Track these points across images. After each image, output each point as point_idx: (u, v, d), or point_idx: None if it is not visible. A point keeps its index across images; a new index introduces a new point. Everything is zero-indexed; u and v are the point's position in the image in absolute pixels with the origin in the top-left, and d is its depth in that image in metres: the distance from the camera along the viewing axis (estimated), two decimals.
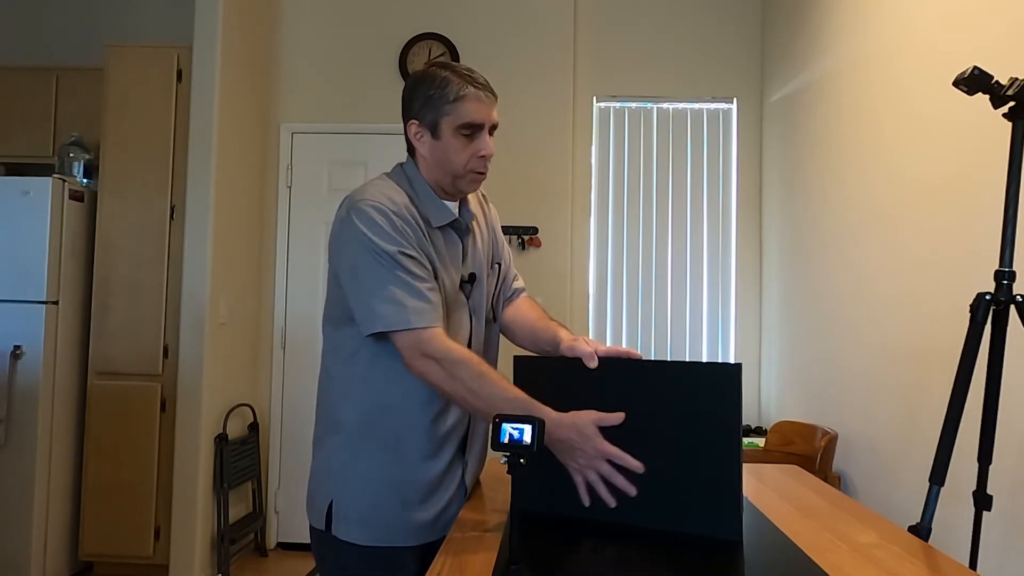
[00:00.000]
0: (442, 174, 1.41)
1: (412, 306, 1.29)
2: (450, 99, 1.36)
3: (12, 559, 3.10)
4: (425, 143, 1.41)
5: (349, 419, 1.40)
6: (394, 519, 1.38)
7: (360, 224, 1.32)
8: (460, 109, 1.36)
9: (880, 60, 2.68)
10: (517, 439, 1.04)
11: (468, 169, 1.40)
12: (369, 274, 1.31)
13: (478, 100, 1.37)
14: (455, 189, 1.44)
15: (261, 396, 3.93)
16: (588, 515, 1.25)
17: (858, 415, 2.78)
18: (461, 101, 1.36)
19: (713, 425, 1.18)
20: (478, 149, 1.39)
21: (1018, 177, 1.64)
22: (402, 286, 1.29)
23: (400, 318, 1.29)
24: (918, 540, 1.23)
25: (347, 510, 1.38)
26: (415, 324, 1.29)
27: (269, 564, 3.70)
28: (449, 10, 4.02)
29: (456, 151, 1.38)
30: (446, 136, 1.38)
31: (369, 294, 1.31)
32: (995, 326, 1.70)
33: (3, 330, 3.15)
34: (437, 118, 1.38)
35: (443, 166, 1.40)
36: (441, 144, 1.39)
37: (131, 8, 4.07)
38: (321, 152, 4.00)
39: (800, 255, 3.42)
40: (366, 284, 1.31)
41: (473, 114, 1.37)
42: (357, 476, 1.39)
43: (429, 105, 1.38)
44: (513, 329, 1.61)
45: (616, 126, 4.07)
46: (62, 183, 3.26)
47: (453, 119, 1.37)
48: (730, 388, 1.17)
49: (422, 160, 1.43)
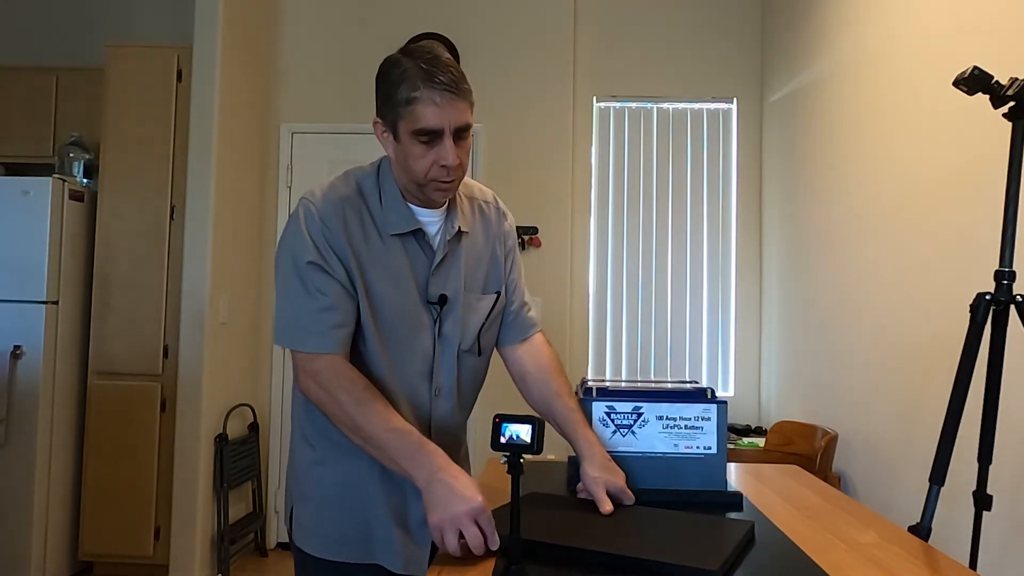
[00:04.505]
0: (408, 180, 1.28)
1: (313, 329, 1.24)
2: (403, 101, 1.19)
3: (12, 559, 3.10)
4: (389, 144, 1.27)
5: (306, 422, 1.37)
6: (348, 534, 1.32)
7: (290, 223, 1.29)
8: (413, 112, 1.18)
9: (880, 60, 2.68)
10: (517, 439, 1.04)
11: (429, 178, 1.24)
12: (280, 282, 1.28)
13: (432, 103, 1.17)
14: (424, 197, 1.29)
15: (261, 396, 3.93)
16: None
17: (858, 415, 2.78)
18: (414, 104, 1.18)
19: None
20: (439, 158, 1.21)
21: (1018, 177, 1.64)
22: (299, 302, 1.25)
23: (297, 339, 1.25)
24: (918, 540, 1.23)
25: (304, 519, 1.35)
26: (310, 348, 1.24)
27: (269, 564, 3.70)
28: (449, 10, 4.02)
29: (415, 157, 1.22)
30: (404, 140, 1.22)
31: (279, 307, 1.29)
32: (995, 326, 1.70)
33: (3, 330, 3.15)
34: (395, 119, 1.22)
35: (406, 172, 1.26)
36: (401, 148, 1.24)
37: (131, 8, 4.07)
38: (321, 152, 4.00)
39: (800, 255, 3.42)
40: (279, 293, 1.29)
41: (428, 119, 1.18)
42: (313, 484, 1.35)
43: (388, 104, 1.22)
44: (527, 385, 1.48)
45: (616, 126, 4.07)
46: (62, 183, 3.26)
47: (407, 123, 1.20)
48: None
49: (392, 161, 1.31)
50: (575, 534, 1.13)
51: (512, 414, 1.06)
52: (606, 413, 1.45)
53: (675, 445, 1.45)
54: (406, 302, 1.31)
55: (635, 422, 1.45)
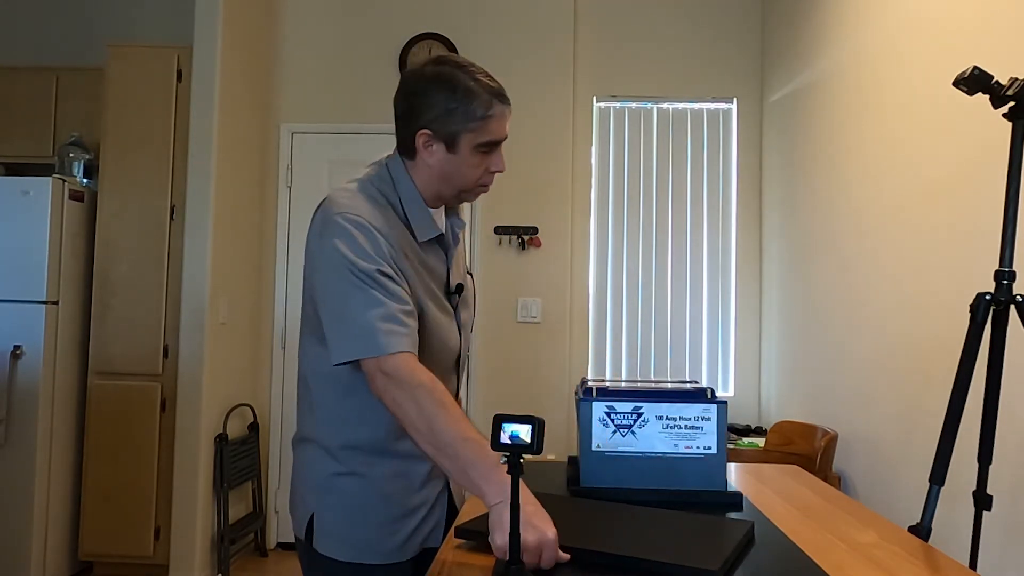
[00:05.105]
0: (447, 187, 1.32)
1: (385, 329, 1.19)
2: (477, 116, 1.26)
3: (12, 559, 3.10)
4: (436, 154, 1.30)
5: (325, 435, 1.35)
6: (375, 537, 1.33)
7: (337, 241, 1.22)
8: (487, 127, 1.27)
9: (880, 60, 2.68)
10: (517, 439, 1.04)
11: (479, 184, 1.33)
12: (344, 298, 1.21)
13: (503, 117, 1.29)
14: (455, 201, 1.36)
15: (261, 396, 3.93)
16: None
17: (858, 415, 2.78)
18: (489, 120, 1.27)
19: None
20: (492, 165, 1.31)
21: (1018, 177, 1.64)
22: (378, 309, 1.20)
23: (371, 344, 1.19)
24: (918, 540, 1.23)
25: (328, 526, 1.34)
26: (385, 350, 1.18)
27: (269, 564, 3.70)
28: (449, 10, 4.02)
29: (472, 166, 1.30)
30: (464, 151, 1.28)
31: (341, 320, 1.22)
32: (995, 326, 1.70)
33: (3, 330, 3.15)
34: (457, 132, 1.27)
35: (450, 179, 1.31)
36: (456, 159, 1.29)
37: (131, 8, 4.07)
38: (321, 152, 4.00)
39: (800, 255, 3.42)
40: (338, 309, 1.22)
41: (498, 132, 1.29)
42: (335, 493, 1.34)
43: (449, 117, 1.26)
44: None
45: (616, 126, 4.07)
46: (62, 183, 3.26)
47: (476, 136, 1.27)
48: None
49: (423, 169, 1.32)
50: (575, 534, 1.13)
51: (512, 414, 1.06)
52: (606, 413, 1.45)
53: (675, 445, 1.45)
54: (440, 300, 1.37)
55: (635, 422, 1.45)
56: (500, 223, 3.93)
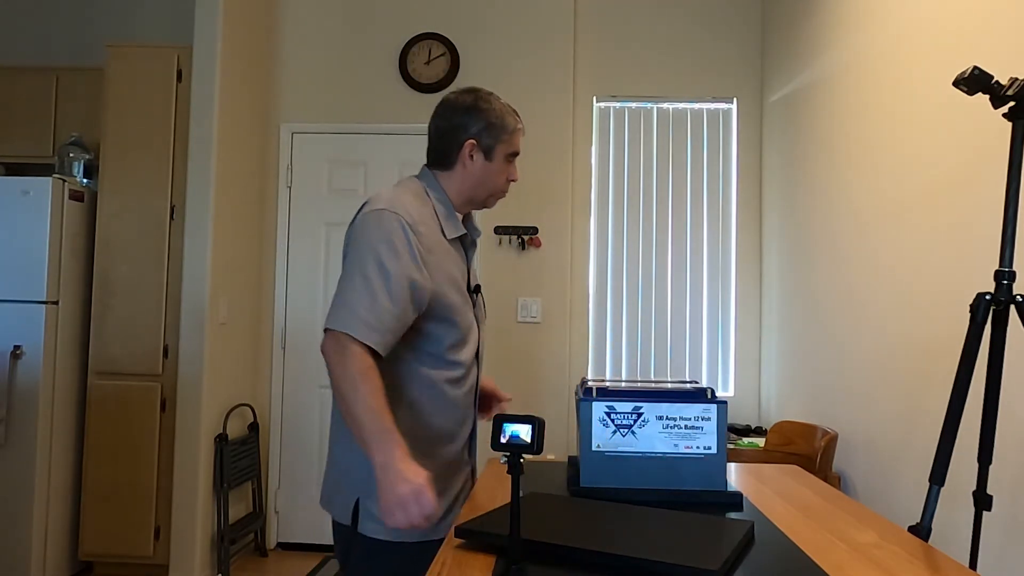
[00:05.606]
0: (482, 191, 1.60)
1: (370, 321, 1.35)
2: (509, 130, 1.59)
3: (12, 559, 3.10)
4: (477, 162, 1.58)
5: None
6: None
7: (381, 230, 1.41)
8: (513, 139, 1.60)
9: (880, 60, 2.68)
10: (517, 439, 1.04)
11: (502, 190, 1.62)
12: (358, 274, 1.38)
13: (522, 133, 1.64)
14: (483, 205, 1.63)
15: (261, 396, 3.93)
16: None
17: (858, 415, 2.78)
18: (515, 133, 1.61)
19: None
20: (512, 173, 1.63)
21: (1018, 177, 1.64)
22: (378, 303, 1.36)
23: (350, 323, 1.35)
24: (918, 540, 1.23)
25: (375, 508, 1.43)
26: (356, 335, 1.34)
27: (269, 564, 3.70)
28: (449, 10, 4.02)
29: (500, 173, 1.60)
30: (498, 160, 1.59)
31: (349, 294, 1.38)
32: (995, 326, 1.70)
33: (3, 330, 3.15)
34: (494, 143, 1.58)
35: (485, 184, 1.59)
36: (492, 166, 1.59)
37: (131, 8, 4.07)
38: (321, 152, 4.00)
39: (800, 255, 3.42)
40: (352, 281, 1.38)
41: (519, 145, 1.63)
42: None
43: (490, 131, 1.57)
44: None
45: (616, 126, 4.07)
46: (62, 183, 3.26)
47: (506, 147, 1.59)
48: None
49: (461, 177, 1.58)
50: (575, 534, 1.13)
51: (512, 414, 1.06)
52: (606, 413, 1.45)
53: (675, 445, 1.45)
54: (463, 292, 1.56)
55: (635, 422, 1.45)
56: (500, 223, 3.93)
